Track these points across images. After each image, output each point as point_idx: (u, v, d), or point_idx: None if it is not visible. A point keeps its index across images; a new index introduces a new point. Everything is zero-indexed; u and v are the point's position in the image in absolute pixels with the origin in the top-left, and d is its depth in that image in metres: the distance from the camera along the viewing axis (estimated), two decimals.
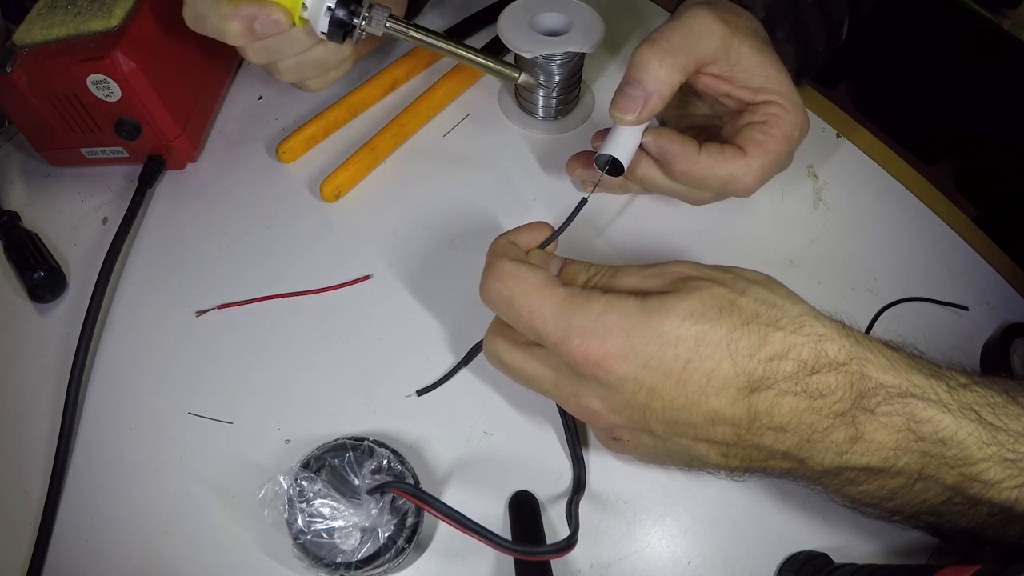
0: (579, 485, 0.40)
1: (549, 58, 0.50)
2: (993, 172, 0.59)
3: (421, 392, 0.44)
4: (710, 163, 0.41)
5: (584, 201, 0.43)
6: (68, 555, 0.40)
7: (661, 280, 0.33)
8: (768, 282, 0.33)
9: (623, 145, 0.44)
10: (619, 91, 0.42)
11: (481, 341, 0.44)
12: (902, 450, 0.29)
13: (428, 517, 0.39)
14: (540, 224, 0.40)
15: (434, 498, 0.35)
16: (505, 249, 0.37)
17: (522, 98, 0.56)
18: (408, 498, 0.36)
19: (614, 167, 0.44)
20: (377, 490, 0.37)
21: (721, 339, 0.30)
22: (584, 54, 0.52)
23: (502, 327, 0.37)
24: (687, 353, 0.30)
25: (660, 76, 0.41)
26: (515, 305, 0.33)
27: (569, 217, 0.42)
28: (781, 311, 0.31)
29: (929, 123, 0.59)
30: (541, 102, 0.55)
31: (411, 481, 0.39)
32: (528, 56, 0.50)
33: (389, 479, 0.38)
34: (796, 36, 0.46)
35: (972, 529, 0.31)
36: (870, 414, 0.29)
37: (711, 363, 0.30)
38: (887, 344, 0.32)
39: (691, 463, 0.35)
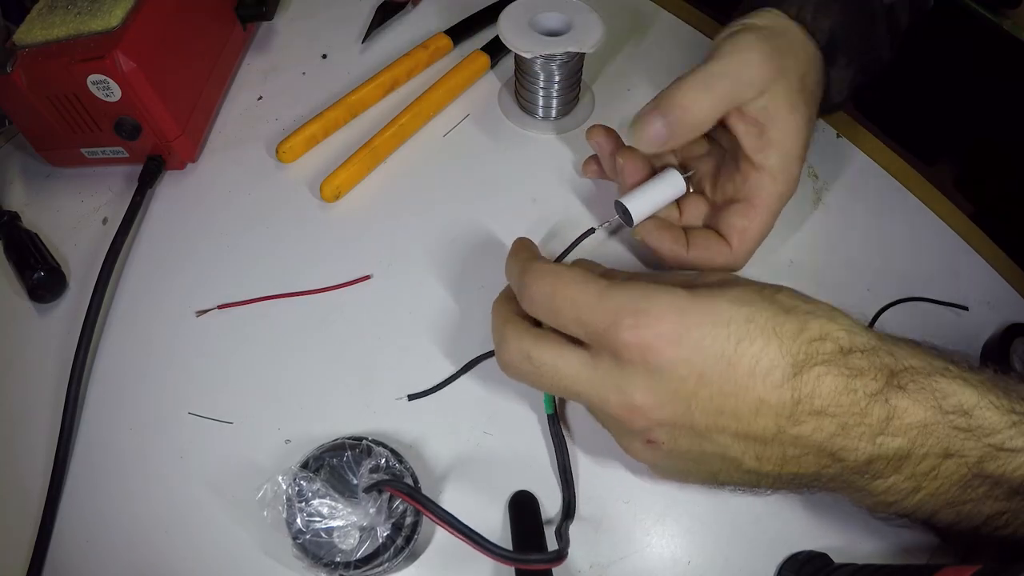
0: (569, 511, 0.39)
1: (549, 58, 0.50)
2: (993, 172, 0.59)
3: (412, 397, 0.44)
4: (699, 258, 0.44)
5: (592, 230, 0.44)
6: (68, 555, 0.40)
7: (700, 279, 0.35)
8: (796, 291, 0.34)
9: (642, 201, 0.45)
10: (646, 118, 0.40)
11: (483, 355, 0.44)
12: (930, 427, 0.30)
13: (422, 532, 0.39)
14: (524, 240, 0.42)
15: (428, 499, 0.35)
16: (534, 256, 0.38)
17: (522, 98, 0.56)
18: (403, 497, 0.36)
19: (628, 216, 0.45)
20: (373, 488, 0.37)
21: (768, 320, 0.31)
22: (584, 54, 0.52)
23: (527, 328, 0.36)
24: (738, 332, 0.31)
25: (696, 117, 0.40)
26: (556, 300, 0.33)
27: (574, 243, 0.44)
28: (814, 304, 0.33)
29: (929, 123, 0.59)
30: (541, 102, 0.55)
31: (409, 480, 0.39)
32: (528, 56, 0.50)
33: (386, 477, 0.38)
34: (863, 54, 0.45)
35: (988, 523, 0.32)
36: (902, 391, 0.30)
37: (761, 342, 0.30)
38: (907, 339, 0.33)
39: (719, 474, 0.34)
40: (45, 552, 0.40)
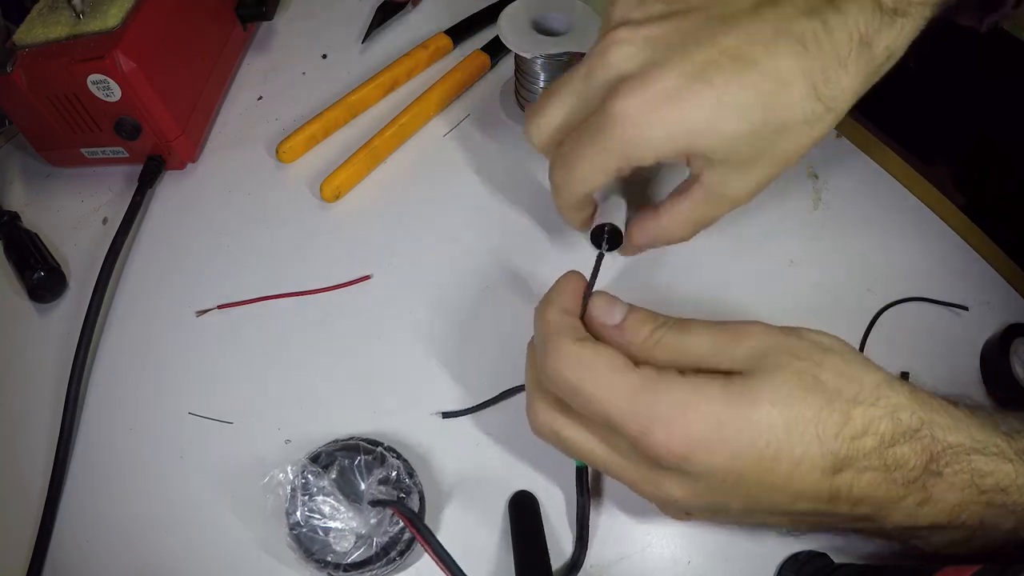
0: (575, 565, 0.39)
1: (549, 58, 0.50)
2: (993, 172, 0.59)
3: (447, 415, 0.43)
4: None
5: (602, 255, 0.40)
6: (68, 555, 0.40)
7: (735, 351, 0.31)
8: (840, 348, 0.32)
9: (621, 220, 0.41)
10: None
11: (520, 386, 0.43)
12: (966, 504, 0.30)
13: None
14: (573, 276, 0.36)
15: (430, 532, 0.35)
16: (560, 325, 0.33)
17: (522, 98, 0.56)
18: (408, 524, 0.36)
19: (614, 239, 0.41)
20: (380, 505, 0.37)
21: (809, 421, 0.29)
22: (584, 53, 0.52)
23: (556, 405, 0.34)
24: (778, 440, 0.29)
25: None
26: (584, 393, 0.31)
27: (593, 274, 0.38)
28: (859, 384, 0.31)
29: (929, 123, 0.59)
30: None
31: (417, 498, 0.39)
32: (528, 56, 0.50)
33: (395, 493, 0.38)
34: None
35: None
36: (938, 477, 0.30)
37: (800, 448, 0.29)
38: (948, 401, 0.32)
39: (754, 527, 0.35)
40: (45, 552, 0.40)
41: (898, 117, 0.57)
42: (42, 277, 0.48)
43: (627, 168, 0.35)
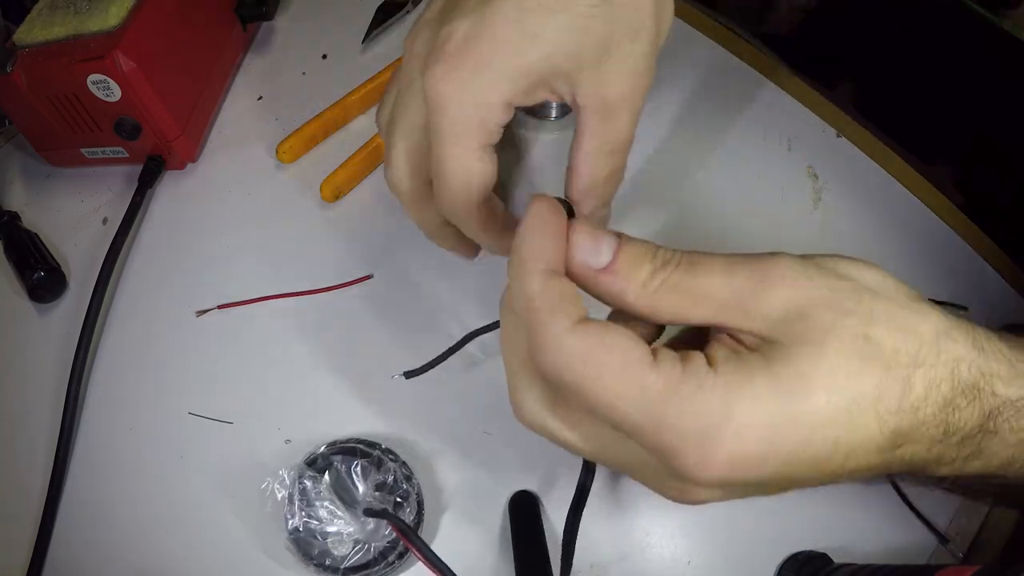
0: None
1: None
2: (993, 172, 0.59)
3: (409, 374, 0.43)
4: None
5: None
6: (68, 555, 0.40)
7: (765, 303, 0.25)
8: (888, 288, 0.26)
9: None
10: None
11: (474, 332, 0.42)
12: (1017, 458, 0.27)
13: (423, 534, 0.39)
14: (545, 206, 0.27)
15: (425, 545, 0.35)
16: (549, 302, 0.25)
17: None
18: (403, 539, 0.36)
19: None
20: (375, 515, 0.37)
21: (870, 401, 0.24)
22: None
23: (544, 391, 0.28)
24: (836, 432, 0.24)
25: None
26: (590, 398, 0.25)
27: None
28: (917, 339, 0.25)
29: (929, 123, 0.59)
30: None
31: (415, 505, 0.39)
32: None
33: (391, 498, 0.38)
34: None
35: None
36: (993, 435, 0.27)
37: (862, 432, 0.25)
38: (1005, 340, 0.28)
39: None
40: (45, 552, 0.40)
41: (898, 117, 0.57)
42: (42, 277, 0.48)
43: (491, 133, 0.32)
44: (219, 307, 0.48)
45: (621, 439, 0.26)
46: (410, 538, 0.35)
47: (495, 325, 0.42)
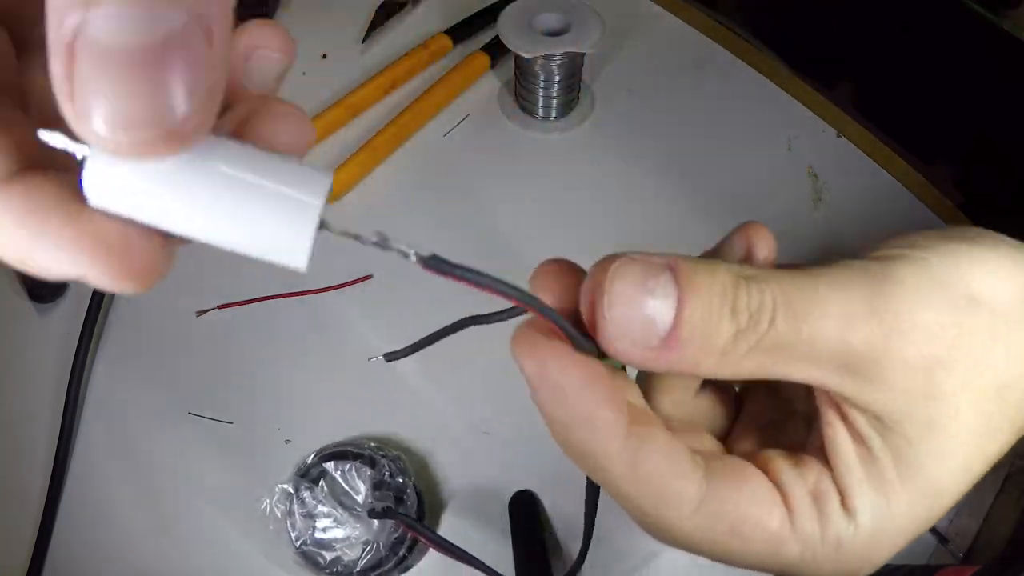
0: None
1: (549, 58, 0.50)
2: (993, 172, 0.59)
3: (390, 357, 0.40)
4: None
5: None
6: (68, 555, 0.40)
7: (889, 349, 0.18)
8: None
9: None
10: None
11: (463, 320, 0.42)
12: None
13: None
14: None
15: (441, 537, 0.35)
16: (594, 431, 0.20)
17: (522, 98, 0.56)
18: (414, 535, 0.36)
19: None
20: (379, 517, 0.37)
21: (991, 460, 0.20)
22: (584, 54, 0.52)
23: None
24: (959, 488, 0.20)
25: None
26: (631, 504, 0.22)
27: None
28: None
29: (929, 123, 0.59)
30: (541, 102, 0.55)
31: (413, 496, 0.39)
32: (528, 56, 0.50)
33: (392, 495, 0.38)
34: None
35: None
36: None
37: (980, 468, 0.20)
38: None
39: None
40: (45, 552, 0.40)
41: (898, 117, 0.57)
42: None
43: None
44: (219, 307, 0.48)
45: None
46: (420, 532, 0.35)
47: (496, 316, 0.42)
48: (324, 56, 0.61)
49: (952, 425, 0.18)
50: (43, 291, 0.48)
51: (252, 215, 0.16)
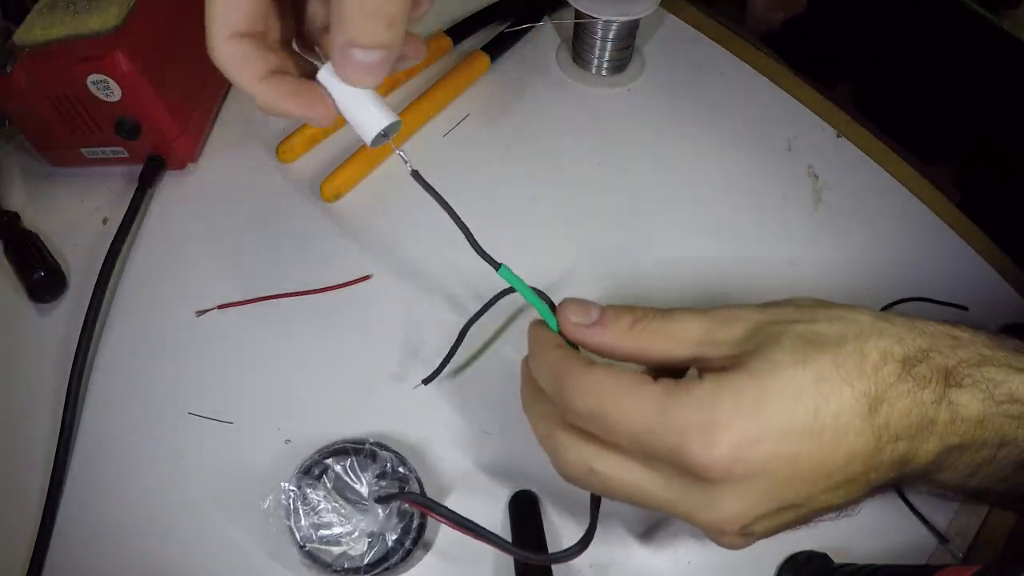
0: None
1: (607, 23, 0.54)
2: (992, 172, 0.59)
3: (426, 381, 0.43)
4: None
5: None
6: (68, 555, 0.40)
7: (729, 332, 0.30)
8: (824, 302, 0.32)
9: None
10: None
11: (470, 320, 0.43)
12: (987, 419, 0.30)
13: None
14: (536, 326, 0.34)
15: (448, 510, 0.35)
16: (564, 358, 0.32)
17: (581, 59, 0.59)
18: (423, 510, 0.36)
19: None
20: (387, 499, 0.37)
21: (831, 370, 0.28)
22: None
23: (583, 438, 0.31)
24: (814, 400, 0.28)
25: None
26: (610, 415, 0.29)
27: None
28: (858, 324, 0.30)
29: (929, 123, 0.59)
30: (595, 61, 0.59)
31: (416, 485, 0.39)
32: (600, 18, 0.53)
33: (396, 484, 0.38)
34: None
35: None
36: (960, 388, 0.30)
37: (836, 399, 0.28)
38: (945, 323, 0.32)
39: (809, 522, 0.32)
40: (45, 552, 0.40)
41: (898, 117, 0.57)
42: (42, 277, 0.48)
43: None
44: (219, 307, 0.48)
45: (643, 460, 0.30)
46: (432, 508, 0.35)
47: (487, 307, 0.44)
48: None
49: (778, 341, 0.29)
50: (43, 291, 0.48)
51: (362, 114, 0.33)
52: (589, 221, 0.51)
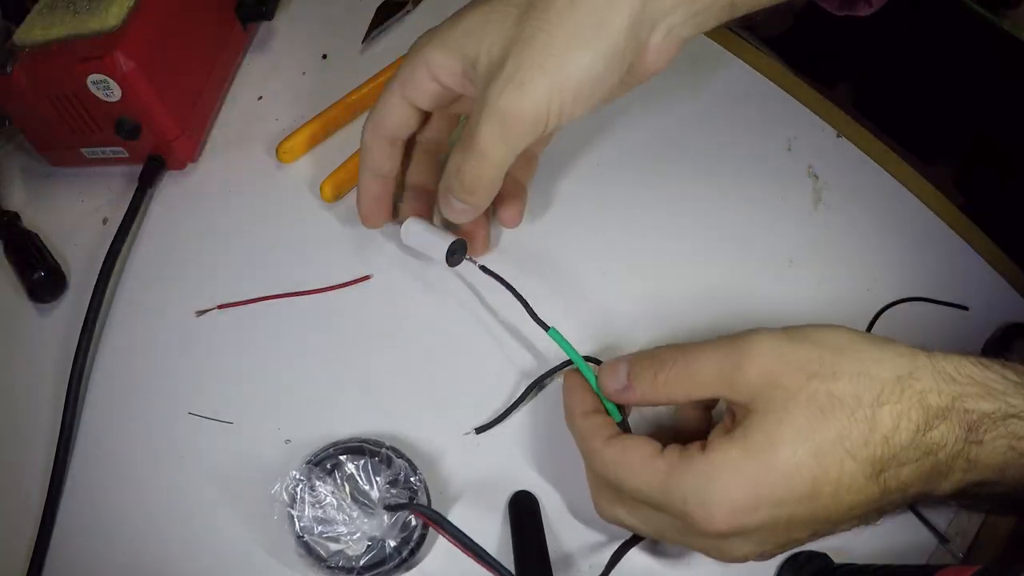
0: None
1: None
2: (993, 171, 0.59)
3: (480, 430, 0.43)
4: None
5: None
6: (68, 555, 0.40)
7: (742, 377, 0.32)
8: (851, 345, 0.32)
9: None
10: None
11: (538, 381, 0.44)
12: (1008, 468, 0.31)
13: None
14: (571, 376, 0.39)
15: (457, 529, 0.35)
16: (588, 429, 0.36)
17: None
18: (433, 526, 0.36)
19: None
20: (397, 508, 0.37)
21: (835, 442, 0.30)
22: None
23: (615, 494, 0.36)
24: (811, 472, 0.30)
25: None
26: (626, 486, 0.33)
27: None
28: (879, 383, 0.30)
29: (928, 123, 0.59)
30: None
31: (424, 494, 0.39)
32: None
33: (406, 493, 0.38)
34: None
35: None
36: (980, 445, 0.30)
37: (836, 469, 0.30)
38: (979, 363, 0.32)
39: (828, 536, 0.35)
40: (45, 552, 0.40)
41: (898, 117, 0.57)
42: (42, 277, 0.48)
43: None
44: (219, 307, 0.48)
45: (659, 515, 0.33)
46: (441, 525, 0.35)
47: (553, 372, 0.44)
48: (324, 56, 0.61)
49: (785, 407, 0.30)
50: (43, 291, 0.48)
51: (433, 245, 0.45)
52: (589, 220, 0.51)
